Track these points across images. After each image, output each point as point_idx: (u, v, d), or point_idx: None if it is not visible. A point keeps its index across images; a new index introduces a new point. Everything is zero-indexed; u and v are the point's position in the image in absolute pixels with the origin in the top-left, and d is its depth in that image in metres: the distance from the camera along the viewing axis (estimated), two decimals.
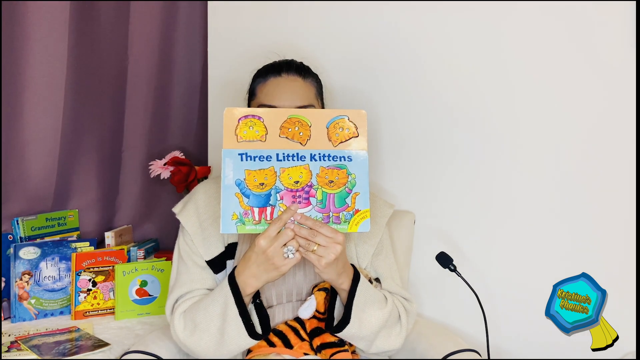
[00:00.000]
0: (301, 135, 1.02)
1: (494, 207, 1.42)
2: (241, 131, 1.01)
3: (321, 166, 1.01)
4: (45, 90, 1.54)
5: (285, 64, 1.20)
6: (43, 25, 1.51)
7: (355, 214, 1.01)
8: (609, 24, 1.27)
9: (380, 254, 1.22)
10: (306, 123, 1.02)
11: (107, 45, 1.71)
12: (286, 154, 1.01)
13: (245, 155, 1.00)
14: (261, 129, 1.01)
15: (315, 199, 1.00)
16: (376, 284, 1.16)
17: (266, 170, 1.00)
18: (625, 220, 1.28)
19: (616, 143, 1.28)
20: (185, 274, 1.16)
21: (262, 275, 1.02)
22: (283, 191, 1.00)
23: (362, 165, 1.02)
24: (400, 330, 1.13)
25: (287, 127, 1.02)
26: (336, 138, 1.02)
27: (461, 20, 1.42)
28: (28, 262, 1.48)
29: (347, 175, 1.02)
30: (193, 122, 1.94)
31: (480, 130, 1.43)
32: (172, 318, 1.12)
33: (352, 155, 1.02)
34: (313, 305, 1.12)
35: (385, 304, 1.11)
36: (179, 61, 1.88)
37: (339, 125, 1.03)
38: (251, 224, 0.99)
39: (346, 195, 1.01)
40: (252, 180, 0.99)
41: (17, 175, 1.55)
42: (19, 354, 1.21)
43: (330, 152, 1.02)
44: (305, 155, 1.01)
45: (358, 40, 1.55)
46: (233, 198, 0.99)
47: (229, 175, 0.99)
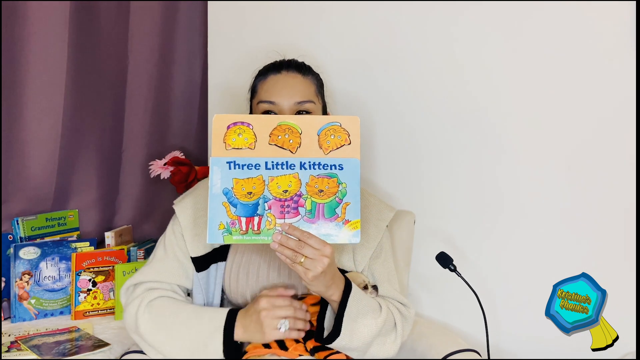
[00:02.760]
0: (291, 142, 0.99)
1: (494, 207, 1.42)
2: (230, 139, 0.98)
3: (311, 175, 0.98)
4: (45, 90, 1.54)
5: (286, 62, 1.20)
6: (43, 25, 1.51)
7: (345, 225, 0.97)
8: (609, 24, 1.27)
9: (379, 257, 1.20)
10: (296, 130, 0.99)
11: (107, 45, 1.71)
12: (275, 162, 0.98)
13: (234, 164, 0.98)
14: (250, 137, 0.98)
15: (304, 209, 0.97)
16: (372, 290, 1.12)
17: (254, 179, 0.97)
18: (625, 220, 1.28)
19: (616, 143, 1.28)
20: (160, 262, 1.16)
21: (248, 332, 1.06)
22: (271, 200, 0.97)
23: (354, 174, 0.98)
24: (395, 337, 1.10)
25: (277, 135, 0.99)
26: (327, 145, 0.99)
27: (461, 20, 1.42)
28: (28, 262, 1.48)
29: (337, 185, 0.98)
30: (193, 122, 1.94)
31: (481, 130, 1.43)
32: (134, 302, 1.10)
33: (344, 164, 0.98)
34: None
35: (380, 312, 1.08)
36: (179, 61, 1.88)
37: (331, 132, 0.99)
38: (238, 234, 0.97)
39: (336, 205, 0.97)
40: (240, 189, 0.97)
41: (17, 175, 1.55)
42: (19, 354, 1.21)
43: (321, 161, 0.98)
44: (294, 164, 0.98)
45: (358, 40, 1.55)
46: (220, 207, 0.97)
47: (217, 184, 0.97)
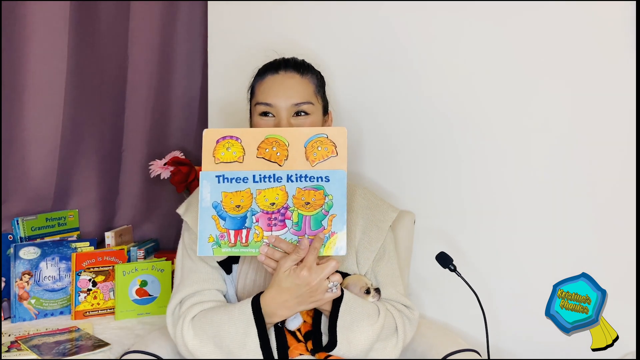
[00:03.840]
0: (278, 155, 1.00)
1: (494, 207, 1.42)
2: (219, 153, 1.00)
3: (297, 187, 0.99)
4: (45, 90, 1.54)
5: (284, 62, 1.18)
6: (43, 25, 1.51)
7: (331, 237, 0.98)
8: (609, 24, 1.26)
9: (382, 259, 1.19)
10: (283, 143, 1.00)
11: (107, 45, 1.71)
12: (262, 175, 0.99)
13: (223, 177, 0.99)
14: (238, 150, 1.00)
15: (291, 221, 0.98)
16: (374, 294, 1.12)
17: (242, 192, 0.99)
18: (625, 220, 1.28)
19: (616, 143, 1.28)
20: (194, 273, 1.13)
21: (297, 307, 1.00)
22: (259, 213, 0.98)
23: (340, 186, 0.98)
24: (396, 342, 1.10)
25: (265, 148, 1.00)
26: (314, 157, 0.99)
27: (461, 21, 1.42)
28: (28, 262, 1.47)
29: (324, 197, 0.98)
30: (193, 122, 1.93)
31: (480, 130, 1.43)
32: (179, 323, 1.07)
33: (330, 176, 0.99)
34: (299, 318, 1.09)
35: (377, 317, 1.07)
36: (179, 61, 1.88)
37: (318, 144, 1.00)
38: (227, 247, 0.98)
39: (322, 217, 0.98)
40: (228, 203, 0.98)
41: (17, 175, 1.55)
42: (19, 354, 1.21)
43: (307, 173, 0.99)
44: (281, 177, 0.99)
45: (360, 40, 1.55)
46: (210, 220, 0.98)
47: (207, 198, 0.98)
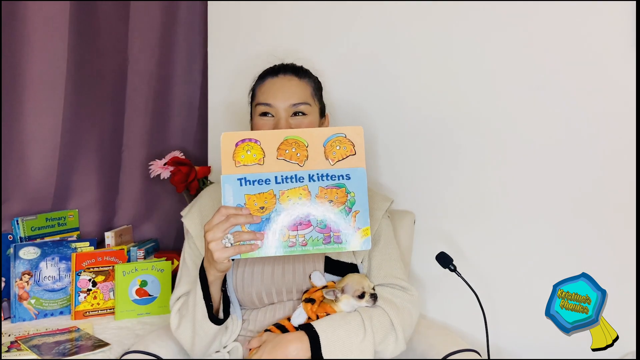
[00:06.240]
0: (298, 156, 1.01)
1: (494, 207, 1.42)
2: (239, 156, 1.00)
3: (320, 186, 1.01)
4: (45, 90, 1.55)
5: (283, 66, 1.24)
6: (43, 25, 1.51)
7: (356, 232, 1.00)
8: (609, 24, 1.27)
9: (377, 244, 1.21)
10: (303, 143, 1.01)
11: (107, 45, 1.71)
12: (284, 176, 1.00)
13: (244, 180, 1.00)
14: (258, 152, 1.01)
15: (316, 220, 1.00)
16: (369, 299, 1.11)
17: (265, 193, 1.00)
18: (625, 220, 1.28)
19: (616, 143, 1.28)
20: (186, 276, 1.20)
21: (210, 265, 1.02)
22: (283, 213, 1.00)
23: (361, 183, 1.01)
24: (396, 336, 1.10)
25: (284, 149, 1.01)
26: (333, 157, 1.02)
27: (461, 22, 1.42)
28: (28, 262, 1.48)
29: (346, 194, 1.01)
30: (193, 122, 1.93)
31: (481, 130, 1.43)
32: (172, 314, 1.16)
33: (351, 174, 1.01)
34: (304, 314, 1.11)
35: (363, 330, 1.06)
36: (179, 61, 1.88)
37: (337, 144, 1.02)
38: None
39: (346, 214, 1.00)
40: (252, 205, 0.99)
41: (17, 175, 1.55)
42: (19, 354, 1.21)
43: (329, 172, 1.01)
44: (303, 177, 1.01)
45: (360, 42, 1.55)
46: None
47: (230, 201, 0.99)
